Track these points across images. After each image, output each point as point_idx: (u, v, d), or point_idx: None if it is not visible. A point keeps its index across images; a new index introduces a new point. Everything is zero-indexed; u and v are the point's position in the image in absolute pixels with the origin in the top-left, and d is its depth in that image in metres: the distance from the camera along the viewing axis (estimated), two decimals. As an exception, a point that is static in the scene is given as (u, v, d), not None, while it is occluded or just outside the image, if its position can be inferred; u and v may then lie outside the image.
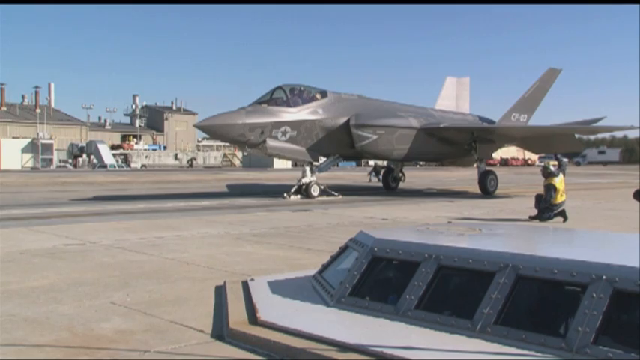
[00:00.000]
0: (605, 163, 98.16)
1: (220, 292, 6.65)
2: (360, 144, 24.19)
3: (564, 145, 28.74)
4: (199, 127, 23.12)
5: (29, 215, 16.25)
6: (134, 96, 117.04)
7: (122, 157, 78.74)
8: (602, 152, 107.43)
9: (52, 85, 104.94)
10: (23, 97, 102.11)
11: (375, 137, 24.19)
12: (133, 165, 74.37)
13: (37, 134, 73.99)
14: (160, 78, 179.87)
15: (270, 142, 22.22)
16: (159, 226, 13.50)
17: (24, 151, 69.05)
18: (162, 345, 4.89)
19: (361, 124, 24.09)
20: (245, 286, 6.54)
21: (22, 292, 6.83)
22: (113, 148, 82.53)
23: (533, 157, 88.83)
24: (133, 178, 40.53)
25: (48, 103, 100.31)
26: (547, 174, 15.45)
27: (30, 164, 67.66)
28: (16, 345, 4.91)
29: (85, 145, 76.26)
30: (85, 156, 73.27)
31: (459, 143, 26.98)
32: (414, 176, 39.63)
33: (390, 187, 29.96)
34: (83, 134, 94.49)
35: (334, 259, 6.45)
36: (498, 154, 74.10)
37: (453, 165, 33.14)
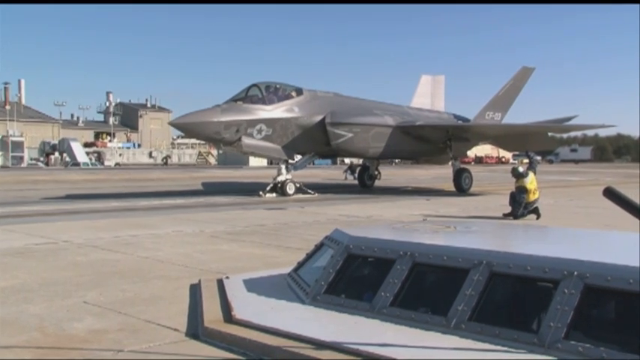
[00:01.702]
0: (577, 161, 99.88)
1: (195, 290, 6.60)
2: (336, 142, 24.22)
3: (537, 144, 29.16)
4: (174, 124, 23.06)
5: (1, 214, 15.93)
6: (107, 93, 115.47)
7: (95, 155, 77.65)
8: (574, 150, 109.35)
9: (23, 82, 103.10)
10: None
11: (350, 135, 24.21)
12: (106, 163, 73.41)
13: (7, 131, 72.59)
14: (134, 75, 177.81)
15: (246, 140, 22.22)
16: (133, 225, 13.35)
17: (-7, 148, 67.73)
18: (136, 344, 4.83)
19: (336, 122, 24.11)
20: (220, 284, 6.50)
21: (-7, 292, 6.69)
22: (86, 145, 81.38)
23: (507, 154, 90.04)
24: (106, 177, 40.00)
25: (18, 100, 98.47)
26: (516, 175, 15.63)
27: None
28: (-15, 346, 4.80)
29: (57, 142, 75.00)
30: (57, 154, 72.06)
31: (434, 141, 27.16)
32: (391, 174, 39.87)
33: (365, 184, 30.05)
34: (55, 132, 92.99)
35: (310, 256, 6.45)
36: (473, 152, 74.87)
37: (428, 163, 33.62)
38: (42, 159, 72.55)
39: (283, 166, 23.47)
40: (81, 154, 69.82)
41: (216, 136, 22.12)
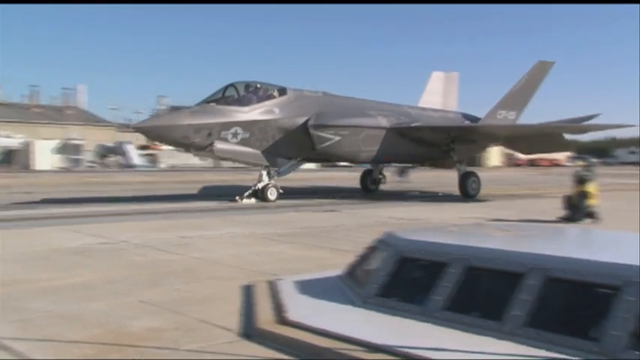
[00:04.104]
0: (636, 164, 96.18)
1: (248, 291, 6.71)
2: (321, 146, 22.17)
3: (553, 146, 27.29)
4: (137, 128, 21.66)
5: (62, 214, 16.56)
6: (159, 97, 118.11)
7: (150, 157, 79.65)
8: (633, 152, 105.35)
9: (83, 87, 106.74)
10: (55, 98, 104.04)
11: (337, 138, 22.38)
12: (161, 165, 75.23)
13: (68, 135, 75.34)
14: (186, 79, 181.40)
15: (219, 145, 20.59)
16: (186, 226, 13.65)
17: (54, 151, 70.36)
18: (191, 343, 4.95)
19: (320, 125, 22.09)
20: (272, 285, 6.58)
21: (57, 289, 6.98)
22: (141, 148, 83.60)
23: (559, 156, 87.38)
24: (160, 178, 41.02)
25: (78, 104, 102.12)
26: (581, 180, 15.23)
27: (60, 165, 68.94)
28: (52, 341, 5.03)
29: (113, 145, 77.32)
30: (113, 156, 74.33)
31: (436, 144, 25.04)
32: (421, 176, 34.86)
33: (368, 189, 27.55)
34: (112, 135, 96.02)
35: (362, 259, 6.46)
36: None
37: (434, 167, 30.19)
38: (98, 162, 75.00)
39: (264, 172, 21.79)
40: (136, 157, 71.79)
41: (185, 141, 20.49)
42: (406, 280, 5.59)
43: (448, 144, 24.83)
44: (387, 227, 8.83)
